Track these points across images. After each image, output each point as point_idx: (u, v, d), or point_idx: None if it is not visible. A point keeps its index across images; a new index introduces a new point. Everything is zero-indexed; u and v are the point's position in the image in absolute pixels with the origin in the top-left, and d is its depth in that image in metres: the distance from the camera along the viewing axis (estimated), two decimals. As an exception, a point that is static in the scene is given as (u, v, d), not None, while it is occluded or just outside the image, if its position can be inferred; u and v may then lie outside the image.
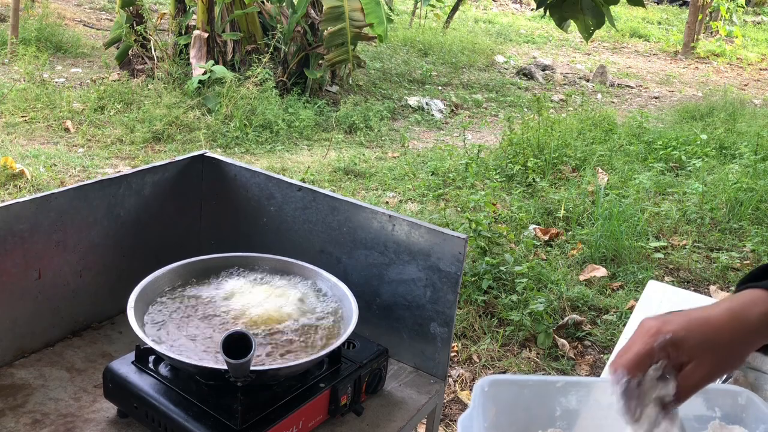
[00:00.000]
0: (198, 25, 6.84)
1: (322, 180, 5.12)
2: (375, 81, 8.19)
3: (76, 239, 1.56)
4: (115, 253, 1.65)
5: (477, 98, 8.19)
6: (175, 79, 6.59)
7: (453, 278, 1.47)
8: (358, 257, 1.61)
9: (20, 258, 1.45)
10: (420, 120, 7.30)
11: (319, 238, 1.66)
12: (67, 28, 8.45)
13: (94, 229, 1.59)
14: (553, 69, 10.03)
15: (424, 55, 9.80)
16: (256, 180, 1.74)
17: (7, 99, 5.87)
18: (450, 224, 4.14)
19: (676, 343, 0.75)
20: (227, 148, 5.71)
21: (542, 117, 6.38)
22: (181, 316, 1.40)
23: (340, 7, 6.51)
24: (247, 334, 1.25)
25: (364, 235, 1.59)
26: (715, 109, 8.08)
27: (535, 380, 0.92)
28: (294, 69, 7.19)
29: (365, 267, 1.60)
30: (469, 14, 13.37)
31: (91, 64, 7.52)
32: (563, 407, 0.88)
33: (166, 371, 1.32)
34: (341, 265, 1.64)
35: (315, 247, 1.67)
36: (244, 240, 1.77)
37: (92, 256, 1.60)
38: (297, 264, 1.56)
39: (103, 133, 5.64)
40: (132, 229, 1.67)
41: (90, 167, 5.00)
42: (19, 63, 6.64)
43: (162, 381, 1.30)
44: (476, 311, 3.49)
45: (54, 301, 1.55)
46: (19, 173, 4.51)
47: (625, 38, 13.25)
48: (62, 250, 1.53)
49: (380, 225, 1.55)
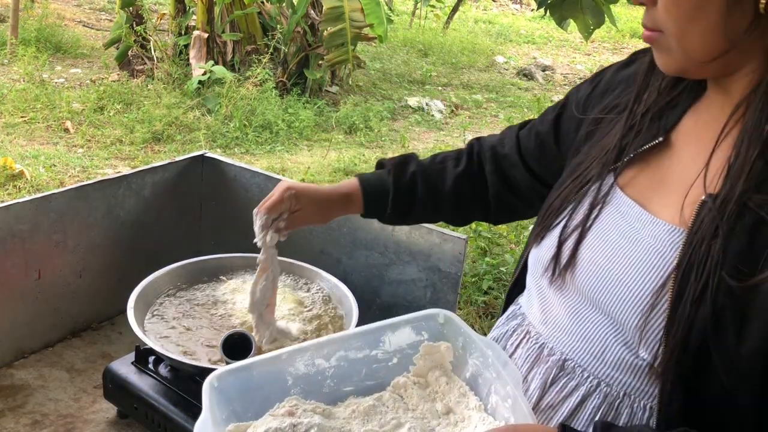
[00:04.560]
0: (198, 26, 6.84)
1: (322, 180, 5.12)
2: (375, 81, 8.19)
3: (76, 240, 1.55)
4: (115, 253, 1.65)
5: (477, 99, 8.19)
6: (174, 80, 6.59)
7: (453, 279, 1.47)
8: (359, 258, 1.61)
9: (20, 258, 1.45)
10: (420, 120, 7.29)
11: (320, 238, 1.66)
12: (67, 28, 8.45)
13: (94, 229, 1.59)
14: (554, 69, 10.03)
15: (424, 55, 9.79)
16: (256, 180, 1.74)
17: (6, 99, 5.87)
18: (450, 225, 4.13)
19: (297, 196, 1.20)
20: (227, 149, 5.71)
21: (542, 117, 6.38)
22: (180, 317, 1.40)
23: (340, 7, 6.51)
24: (247, 334, 1.25)
25: (364, 235, 1.58)
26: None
27: (260, 360, 0.95)
28: (294, 69, 7.19)
29: (365, 267, 1.60)
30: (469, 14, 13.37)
31: (91, 65, 7.52)
32: (293, 375, 0.94)
33: (165, 372, 1.32)
34: (341, 265, 1.63)
35: (315, 247, 1.67)
36: (244, 240, 1.76)
37: (92, 257, 1.60)
38: (297, 264, 1.56)
39: (103, 133, 5.64)
40: (132, 229, 1.67)
41: (89, 168, 4.99)
42: (18, 63, 6.63)
43: (162, 381, 1.30)
44: (476, 312, 3.48)
45: (54, 301, 1.55)
46: (18, 174, 4.50)
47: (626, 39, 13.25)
48: (62, 250, 1.53)
49: (380, 225, 1.55)
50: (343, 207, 1.24)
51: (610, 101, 0.99)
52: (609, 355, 0.85)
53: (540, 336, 0.95)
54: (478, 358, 0.94)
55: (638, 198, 0.87)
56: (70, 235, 1.54)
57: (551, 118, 1.13)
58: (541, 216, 0.99)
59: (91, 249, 1.59)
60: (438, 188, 1.23)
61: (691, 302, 0.75)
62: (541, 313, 0.96)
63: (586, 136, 1.01)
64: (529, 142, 1.17)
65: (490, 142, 1.24)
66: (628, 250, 0.85)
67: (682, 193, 0.82)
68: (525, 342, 0.97)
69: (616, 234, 0.87)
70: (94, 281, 1.62)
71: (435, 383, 0.97)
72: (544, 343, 0.94)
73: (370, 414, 0.93)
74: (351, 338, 0.97)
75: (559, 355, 0.91)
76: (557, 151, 1.11)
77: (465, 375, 0.97)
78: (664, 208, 0.84)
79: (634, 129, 0.91)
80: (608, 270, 0.86)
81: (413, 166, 1.24)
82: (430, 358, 0.98)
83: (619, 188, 0.90)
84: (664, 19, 0.79)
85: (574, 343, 0.89)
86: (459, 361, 0.98)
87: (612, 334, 0.85)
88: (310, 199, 1.21)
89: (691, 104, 0.88)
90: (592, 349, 0.87)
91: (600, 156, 0.93)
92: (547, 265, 0.93)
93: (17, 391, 1.42)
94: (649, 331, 0.79)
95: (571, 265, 0.90)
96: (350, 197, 1.23)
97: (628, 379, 0.84)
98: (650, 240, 0.83)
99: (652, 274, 0.81)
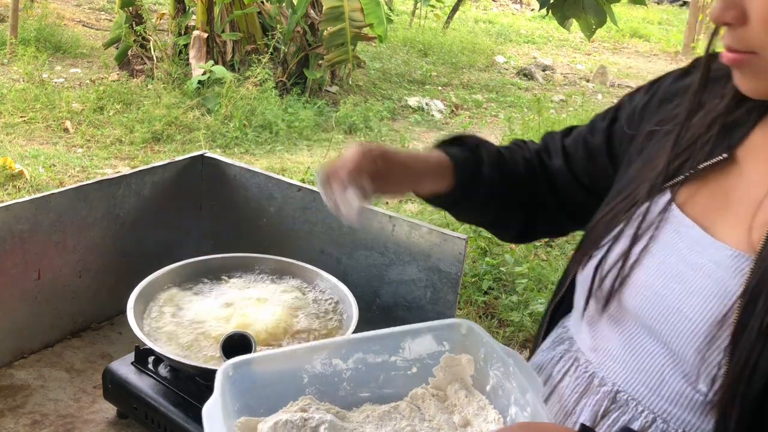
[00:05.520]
0: (197, 26, 6.84)
1: (321, 180, 5.10)
2: (375, 81, 8.19)
3: (76, 240, 1.55)
4: (115, 253, 1.64)
5: (477, 98, 8.18)
6: (174, 80, 6.59)
7: (453, 279, 1.47)
8: (358, 258, 1.61)
9: (20, 258, 1.45)
10: (420, 120, 7.29)
11: (319, 238, 1.66)
12: (67, 28, 8.45)
13: (94, 229, 1.59)
14: (554, 69, 10.03)
15: (424, 55, 9.79)
16: (256, 180, 1.74)
17: (6, 99, 5.87)
18: (450, 225, 4.14)
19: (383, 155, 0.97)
20: (227, 149, 5.71)
21: (542, 117, 6.38)
22: (180, 317, 1.39)
23: (339, 7, 6.51)
24: (247, 335, 1.24)
25: (364, 235, 1.58)
26: (715, 109, 8.06)
27: (277, 353, 0.94)
28: (294, 69, 7.19)
29: (365, 268, 1.60)
30: (469, 14, 13.37)
31: (91, 65, 7.51)
32: (309, 373, 0.91)
33: (165, 372, 1.32)
34: (341, 265, 1.63)
35: (315, 247, 1.67)
36: (244, 240, 1.76)
37: (92, 257, 1.60)
38: (297, 264, 1.56)
39: (103, 133, 5.64)
40: (132, 229, 1.67)
41: (89, 168, 4.99)
42: (18, 63, 6.63)
43: (162, 382, 1.30)
44: (476, 312, 3.48)
45: (53, 301, 1.55)
46: (18, 174, 4.50)
47: (626, 38, 13.26)
48: (62, 250, 1.53)
49: (380, 225, 1.55)
50: (434, 177, 1.03)
51: (667, 113, 0.92)
52: (666, 389, 0.79)
53: (590, 364, 0.88)
54: (499, 368, 0.91)
55: (698, 218, 0.81)
56: (69, 235, 1.54)
57: (602, 127, 1.04)
58: (588, 235, 0.93)
59: (90, 249, 1.59)
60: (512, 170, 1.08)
61: (756, 334, 0.69)
62: (591, 340, 0.89)
63: (638, 149, 0.94)
64: (577, 152, 1.07)
65: (534, 147, 1.13)
66: (687, 276, 0.78)
67: (750, 214, 0.76)
68: (573, 370, 0.90)
69: (674, 257, 0.80)
70: (94, 281, 1.62)
71: (454, 396, 0.94)
72: (594, 372, 0.87)
73: (385, 419, 0.91)
74: (370, 340, 0.95)
75: (611, 386, 0.84)
76: (609, 163, 1.02)
77: (485, 387, 0.94)
78: (727, 230, 0.78)
79: (693, 144, 0.84)
80: (665, 297, 0.79)
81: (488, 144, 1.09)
82: (450, 371, 0.95)
83: (677, 207, 0.83)
84: (762, 39, 0.71)
85: (627, 374, 0.83)
86: (480, 373, 0.94)
87: (670, 365, 0.79)
88: (400, 161, 0.99)
89: (760, 119, 0.81)
90: (647, 381, 0.81)
91: (654, 172, 0.86)
92: (596, 288, 0.87)
93: (17, 391, 1.42)
94: (710, 365, 0.74)
95: (624, 288, 0.83)
96: (441, 165, 1.03)
97: (687, 416, 0.78)
98: (712, 266, 0.77)
99: (714, 303, 0.75)
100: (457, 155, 1.05)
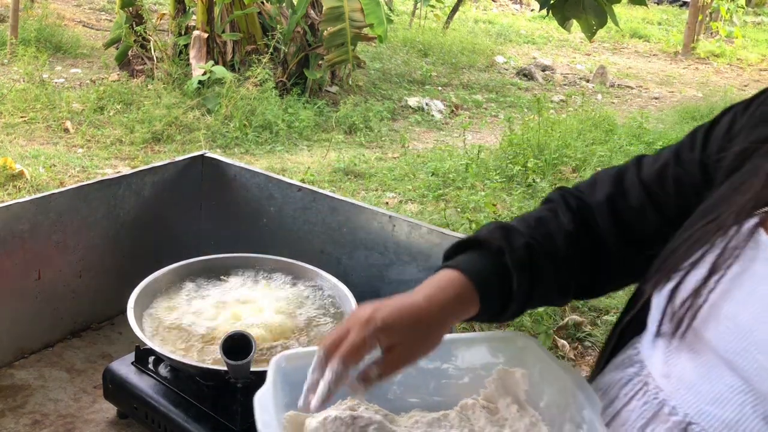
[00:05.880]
0: (198, 26, 6.83)
1: (321, 180, 5.11)
2: (375, 81, 8.18)
3: (76, 240, 1.55)
4: (115, 253, 1.64)
5: (477, 99, 8.18)
6: (174, 80, 6.58)
7: (453, 279, 1.47)
8: (359, 258, 1.61)
9: (20, 258, 1.45)
10: (420, 120, 7.29)
11: (319, 238, 1.66)
12: (67, 28, 8.44)
13: (94, 229, 1.59)
14: (553, 69, 10.03)
15: (423, 55, 9.79)
16: (256, 180, 1.74)
17: (6, 99, 5.87)
18: (450, 225, 4.14)
19: (385, 329, 0.83)
20: (227, 149, 5.71)
21: (542, 117, 6.38)
22: (181, 317, 1.39)
23: (340, 7, 6.51)
24: (247, 335, 1.24)
25: (364, 235, 1.58)
26: (716, 109, 8.02)
27: None
28: (294, 69, 7.19)
29: (365, 267, 1.60)
30: (469, 15, 13.36)
31: (91, 65, 7.51)
32: None
33: (165, 372, 1.32)
34: (341, 265, 1.63)
35: (315, 247, 1.67)
36: (244, 240, 1.76)
37: (92, 257, 1.60)
38: (297, 264, 1.56)
39: (103, 133, 5.64)
40: (132, 229, 1.67)
41: (89, 168, 4.99)
42: (18, 63, 6.63)
43: (162, 382, 1.30)
44: (476, 312, 3.48)
45: (54, 301, 1.55)
46: (18, 174, 4.50)
47: (626, 39, 13.25)
48: (62, 250, 1.53)
49: (380, 225, 1.55)
50: (459, 310, 0.89)
51: (763, 131, 0.85)
52: (744, 428, 0.74)
53: (660, 391, 0.83)
54: (555, 385, 0.88)
55: None
56: (69, 235, 1.54)
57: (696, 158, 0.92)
58: (666, 256, 0.86)
59: (91, 249, 1.59)
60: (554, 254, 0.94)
61: None
62: (663, 365, 0.83)
63: (728, 169, 0.87)
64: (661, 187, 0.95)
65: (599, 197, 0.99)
66: None
67: None
68: (642, 395, 0.85)
69: (765, 288, 0.74)
70: (94, 281, 1.62)
71: (505, 410, 0.91)
72: (664, 400, 0.81)
73: (434, 426, 0.89)
74: None
75: (682, 416, 0.79)
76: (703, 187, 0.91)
77: (539, 404, 0.91)
78: None
79: None
80: (752, 331, 0.73)
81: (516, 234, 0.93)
82: (503, 384, 0.92)
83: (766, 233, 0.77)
84: None
85: (702, 406, 0.77)
86: (534, 389, 0.91)
87: (750, 403, 0.73)
88: (408, 326, 0.85)
89: None
90: (723, 417, 0.75)
91: (743, 197, 0.80)
92: (671, 313, 0.81)
93: (17, 391, 1.42)
94: None
95: (703, 316, 0.78)
96: (462, 297, 0.89)
97: None
98: None
99: None
100: (478, 272, 0.90)
